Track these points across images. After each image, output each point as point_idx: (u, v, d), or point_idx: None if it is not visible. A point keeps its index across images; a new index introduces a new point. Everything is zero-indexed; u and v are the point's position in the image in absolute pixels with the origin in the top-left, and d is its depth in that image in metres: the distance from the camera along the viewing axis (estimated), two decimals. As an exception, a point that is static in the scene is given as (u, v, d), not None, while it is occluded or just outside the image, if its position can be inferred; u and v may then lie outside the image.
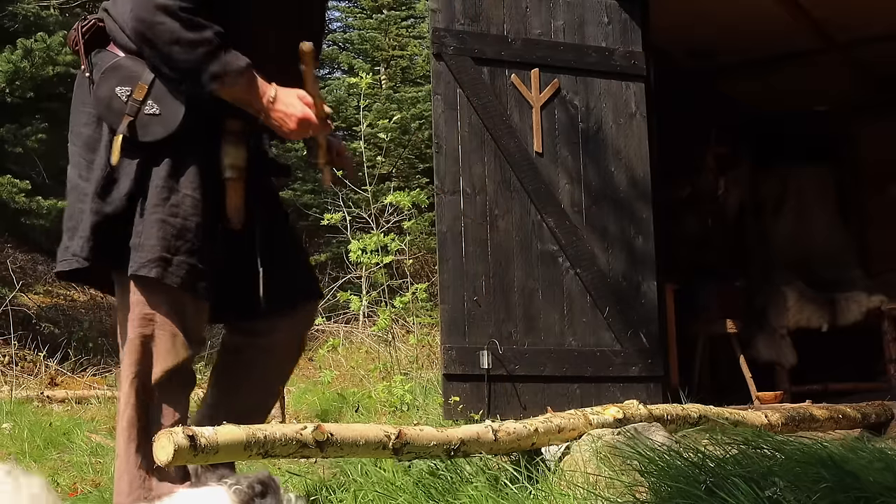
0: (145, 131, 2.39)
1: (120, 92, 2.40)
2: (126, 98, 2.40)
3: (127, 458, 2.38)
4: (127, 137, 2.37)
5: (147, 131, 2.39)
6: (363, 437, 2.43)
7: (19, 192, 8.06)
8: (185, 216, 2.39)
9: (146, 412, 2.40)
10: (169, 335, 2.40)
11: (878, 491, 1.98)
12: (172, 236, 2.37)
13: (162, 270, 2.36)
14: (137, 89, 2.40)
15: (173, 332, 2.40)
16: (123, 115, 2.39)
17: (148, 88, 2.40)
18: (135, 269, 2.37)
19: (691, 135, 6.98)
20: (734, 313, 6.62)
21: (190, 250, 2.39)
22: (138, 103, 2.39)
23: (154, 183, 2.39)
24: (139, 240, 2.37)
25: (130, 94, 2.40)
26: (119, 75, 2.42)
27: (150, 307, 2.40)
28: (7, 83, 8.35)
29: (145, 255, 2.36)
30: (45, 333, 8.58)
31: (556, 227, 5.03)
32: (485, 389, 4.80)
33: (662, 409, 3.13)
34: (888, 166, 7.50)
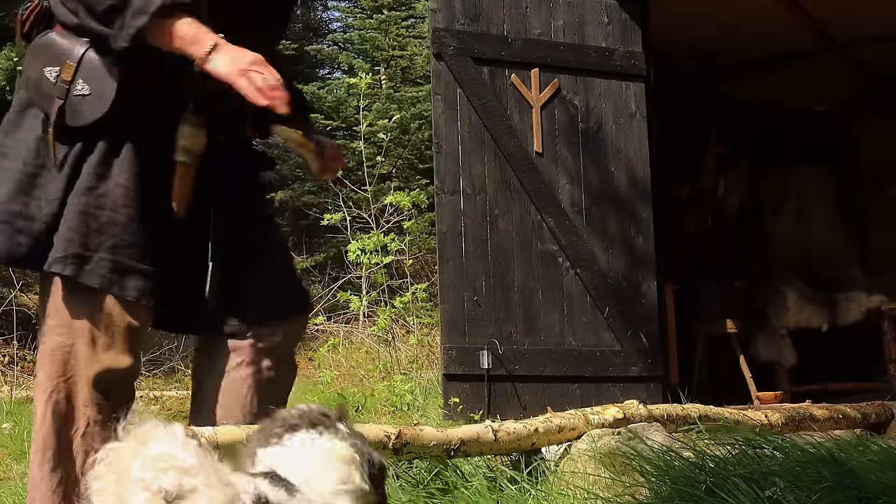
0: (75, 115, 2.14)
1: (48, 73, 2.16)
2: (55, 79, 2.15)
3: (41, 480, 2.11)
4: (57, 125, 2.12)
5: (76, 115, 2.14)
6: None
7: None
8: (112, 208, 2.13)
9: (63, 432, 2.12)
10: (87, 343, 2.12)
11: (879, 490, 1.98)
12: (95, 230, 2.11)
13: (77, 268, 2.09)
14: (65, 69, 2.14)
15: (93, 339, 2.12)
16: (53, 99, 2.13)
17: (76, 67, 2.15)
18: (47, 265, 2.10)
19: (691, 135, 6.98)
20: (734, 313, 6.62)
21: (115, 246, 2.12)
22: (67, 84, 2.14)
23: (84, 171, 2.14)
24: (59, 234, 2.11)
25: (59, 75, 2.15)
26: (47, 54, 2.17)
27: (68, 310, 2.13)
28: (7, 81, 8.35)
29: (60, 250, 2.09)
30: (45, 333, 8.58)
31: (556, 227, 5.03)
32: (485, 389, 4.80)
33: (662, 409, 3.13)
34: (888, 166, 7.50)
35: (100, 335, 2.13)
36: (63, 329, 2.13)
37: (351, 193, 9.82)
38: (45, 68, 2.16)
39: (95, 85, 2.15)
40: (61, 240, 2.10)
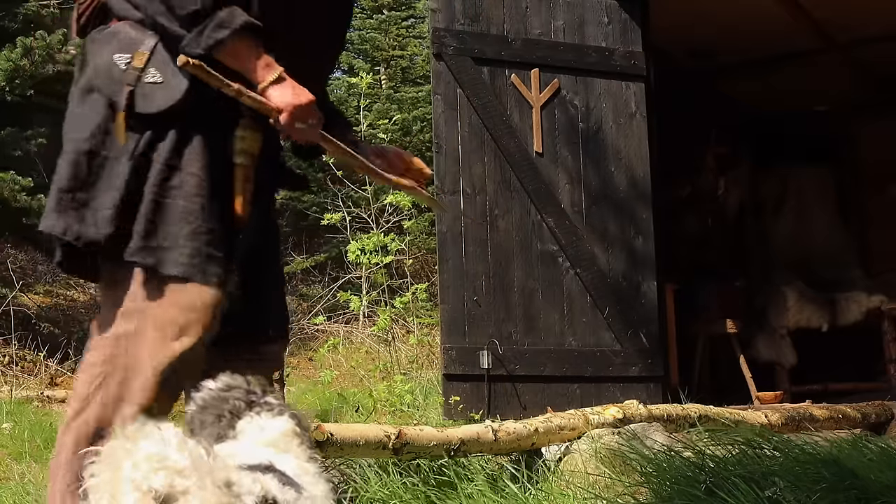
0: (146, 101, 2.16)
1: (118, 59, 2.18)
2: (125, 66, 2.17)
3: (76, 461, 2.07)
4: (127, 111, 2.14)
5: (148, 101, 2.16)
6: (363, 437, 2.43)
7: (21, 191, 8.05)
8: (186, 197, 2.14)
9: (110, 414, 2.11)
10: (161, 330, 2.13)
11: (879, 490, 1.98)
12: (173, 219, 2.13)
13: (158, 258, 2.11)
14: (137, 57, 2.17)
15: (167, 327, 2.13)
16: (123, 85, 2.15)
17: (149, 56, 2.17)
18: (128, 254, 2.11)
19: (691, 135, 6.98)
20: (734, 313, 6.63)
21: (193, 232, 2.13)
22: (138, 71, 2.16)
23: (155, 160, 2.16)
24: (137, 225, 2.11)
25: (130, 62, 2.17)
26: (118, 42, 2.20)
27: (145, 298, 2.13)
28: (7, 81, 8.35)
29: (139, 240, 2.11)
30: (45, 333, 8.58)
31: (556, 227, 5.03)
32: (485, 389, 4.80)
33: (662, 409, 3.13)
34: (888, 166, 7.50)
35: (175, 323, 2.12)
36: (135, 316, 2.13)
37: (351, 193, 9.82)
38: (116, 55, 2.18)
39: (167, 74, 2.17)
40: (140, 229, 2.11)
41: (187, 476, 1.25)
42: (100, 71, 2.19)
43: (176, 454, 1.27)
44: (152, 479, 1.24)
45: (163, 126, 2.17)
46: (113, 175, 2.17)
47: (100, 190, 2.18)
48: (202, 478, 1.26)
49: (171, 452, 1.27)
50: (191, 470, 1.26)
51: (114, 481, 1.26)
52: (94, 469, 1.29)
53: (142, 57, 2.17)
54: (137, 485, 1.24)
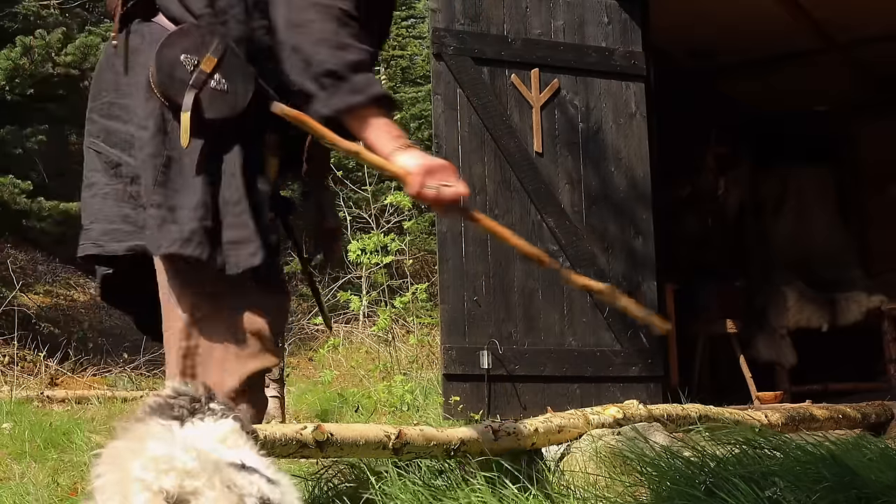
0: (210, 107, 2.16)
1: (185, 60, 2.16)
2: (192, 68, 2.16)
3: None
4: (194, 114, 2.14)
5: (212, 107, 2.17)
6: (363, 437, 2.43)
7: (21, 193, 8.05)
8: (258, 204, 2.17)
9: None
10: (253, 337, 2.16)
11: (879, 490, 1.98)
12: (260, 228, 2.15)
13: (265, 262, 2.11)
14: (206, 61, 2.16)
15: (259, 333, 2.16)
16: (187, 86, 2.15)
17: (217, 62, 2.17)
18: (233, 268, 2.11)
19: (691, 135, 6.98)
20: (734, 313, 6.63)
21: (276, 242, 2.19)
22: (205, 76, 2.16)
23: (227, 169, 2.17)
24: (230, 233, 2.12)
25: (197, 65, 2.16)
26: (186, 42, 2.18)
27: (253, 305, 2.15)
28: (7, 81, 8.35)
29: (248, 253, 2.11)
30: (45, 333, 8.58)
31: (556, 227, 5.03)
32: (485, 389, 4.80)
33: (662, 409, 3.13)
34: (888, 166, 7.50)
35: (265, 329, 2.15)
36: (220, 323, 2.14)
37: (351, 193, 9.82)
38: (183, 55, 2.17)
39: (234, 83, 2.17)
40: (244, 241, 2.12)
41: (196, 477, 1.26)
42: (162, 69, 2.16)
43: (183, 454, 1.27)
44: (163, 480, 1.24)
45: (223, 133, 2.17)
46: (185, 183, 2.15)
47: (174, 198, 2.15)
48: (211, 478, 1.26)
49: (179, 452, 1.27)
50: (199, 470, 1.26)
51: (123, 482, 1.25)
52: (100, 469, 1.29)
53: (211, 62, 2.16)
54: (148, 485, 1.23)
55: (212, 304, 2.17)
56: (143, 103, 2.21)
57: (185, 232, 2.12)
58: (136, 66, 2.25)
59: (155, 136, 2.19)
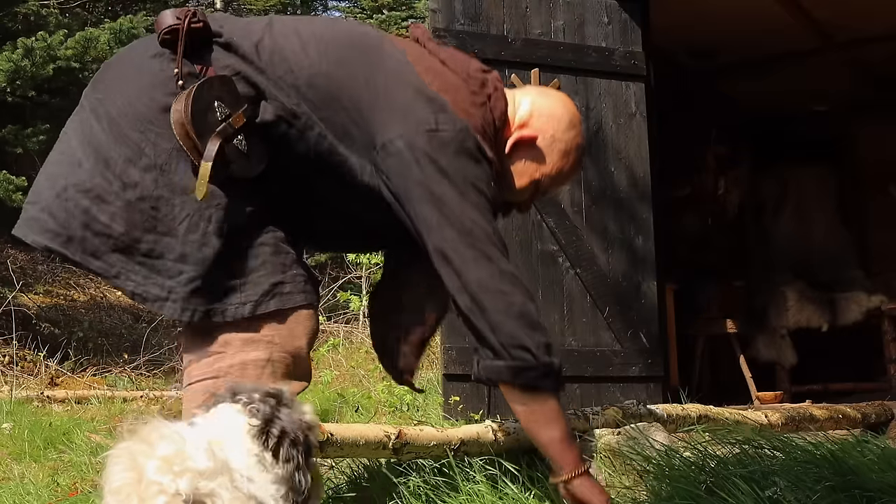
0: (230, 164, 2.15)
1: (219, 107, 2.13)
2: (222, 118, 2.13)
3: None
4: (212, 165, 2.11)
5: (232, 164, 2.15)
6: (363, 437, 2.43)
7: (16, 190, 8.04)
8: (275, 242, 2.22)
9: None
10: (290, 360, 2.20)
11: (880, 490, 1.98)
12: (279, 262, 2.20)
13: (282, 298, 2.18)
14: (237, 117, 2.14)
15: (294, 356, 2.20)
16: (213, 134, 2.11)
17: (245, 123, 2.16)
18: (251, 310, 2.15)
19: (691, 135, 6.98)
20: (734, 313, 6.63)
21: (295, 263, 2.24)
22: (232, 130, 2.13)
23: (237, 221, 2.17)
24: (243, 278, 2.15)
25: (228, 117, 2.13)
26: (225, 89, 2.15)
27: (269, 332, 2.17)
28: (8, 82, 8.35)
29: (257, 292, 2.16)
30: (45, 333, 8.58)
31: (556, 227, 5.03)
32: (485, 389, 4.80)
33: (662, 409, 3.13)
34: (888, 166, 7.50)
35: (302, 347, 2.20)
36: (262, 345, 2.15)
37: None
38: (217, 101, 2.14)
39: (253, 149, 2.17)
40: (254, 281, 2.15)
41: (210, 478, 1.26)
42: (198, 103, 2.12)
43: (196, 454, 1.27)
44: (179, 482, 1.24)
45: (236, 188, 2.16)
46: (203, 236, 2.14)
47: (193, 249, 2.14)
48: (225, 479, 1.27)
49: (191, 452, 1.27)
50: (213, 471, 1.27)
51: (137, 483, 1.25)
52: (114, 470, 1.28)
53: (240, 120, 2.15)
54: (164, 489, 1.24)
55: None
56: (144, 132, 2.15)
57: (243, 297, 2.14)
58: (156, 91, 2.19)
59: (148, 171, 2.13)
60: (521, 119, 2.43)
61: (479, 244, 2.16)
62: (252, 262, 2.16)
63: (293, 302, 2.18)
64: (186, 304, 2.13)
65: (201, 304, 2.13)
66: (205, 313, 2.13)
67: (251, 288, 2.15)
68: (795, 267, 7.16)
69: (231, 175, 2.16)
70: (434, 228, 2.16)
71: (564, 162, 2.45)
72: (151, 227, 2.12)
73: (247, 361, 2.13)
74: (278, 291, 2.17)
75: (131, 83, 2.22)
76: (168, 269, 2.13)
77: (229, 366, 2.13)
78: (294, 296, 2.18)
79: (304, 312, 2.21)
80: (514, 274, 2.20)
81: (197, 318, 2.13)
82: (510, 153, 2.38)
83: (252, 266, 2.16)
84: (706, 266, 6.94)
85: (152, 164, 2.14)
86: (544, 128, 2.45)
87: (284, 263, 2.19)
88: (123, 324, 9.78)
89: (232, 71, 2.21)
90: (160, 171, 2.13)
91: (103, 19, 11.18)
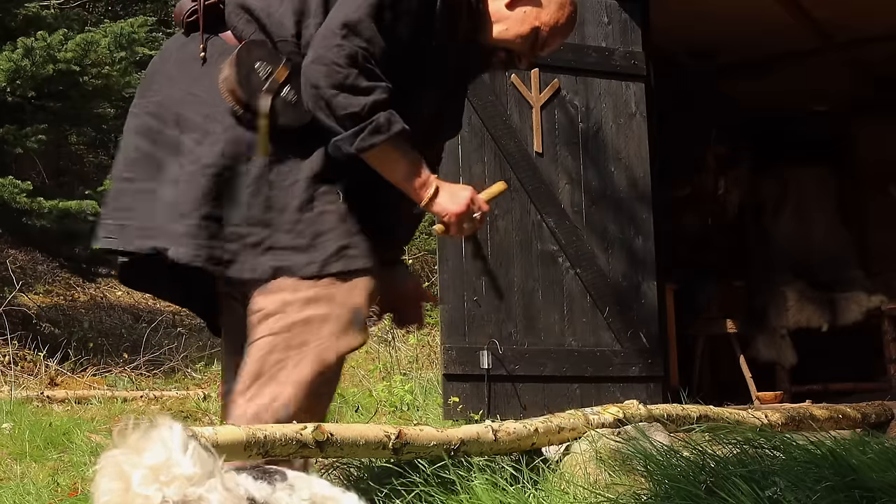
0: (282, 115, 2.31)
1: (260, 68, 2.30)
2: (266, 76, 2.30)
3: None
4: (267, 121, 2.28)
5: (283, 115, 2.31)
6: (363, 437, 2.43)
7: (21, 193, 8.04)
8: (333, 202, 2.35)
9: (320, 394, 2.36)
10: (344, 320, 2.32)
11: (881, 490, 1.98)
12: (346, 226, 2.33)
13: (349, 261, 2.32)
14: (280, 70, 2.30)
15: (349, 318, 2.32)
16: (260, 92, 2.29)
17: (289, 74, 2.31)
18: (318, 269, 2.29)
19: (691, 135, 6.98)
20: (734, 313, 6.63)
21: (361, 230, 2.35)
22: (277, 84, 2.30)
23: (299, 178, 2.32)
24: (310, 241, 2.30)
25: (271, 73, 2.30)
26: (261, 52, 2.32)
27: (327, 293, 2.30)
28: (8, 82, 8.34)
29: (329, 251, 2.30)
30: (45, 333, 8.57)
31: (556, 227, 5.03)
32: (485, 389, 4.80)
33: (662, 409, 3.12)
34: (888, 166, 7.50)
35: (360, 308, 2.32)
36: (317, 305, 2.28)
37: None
38: (258, 63, 2.29)
39: (299, 97, 2.31)
40: (325, 242, 2.29)
41: (199, 482, 1.26)
42: (241, 70, 2.29)
43: (182, 460, 1.26)
44: (166, 491, 1.24)
45: (290, 141, 2.31)
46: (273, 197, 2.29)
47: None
48: (213, 483, 1.27)
49: (178, 458, 1.26)
50: (200, 476, 1.26)
51: (124, 493, 1.24)
52: (100, 481, 1.27)
53: (284, 72, 2.30)
54: (150, 499, 1.23)
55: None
56: (203, 112, 2.32)
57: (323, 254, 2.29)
58: (203, 75, 2.36)
59: (215, 145, 2.29)
60: None
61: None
62: (319, 227, 2.30)
63: (356, 265, 2.32)
64: (255, 263, 2.28)
65: (268, 263, 2.28)
66: (273, 271, 2.28)
67: (319, 250, 2.30)
68: (795, 267, 7.16)
69: (287, 127, 2.29)
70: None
71: (561, 14, 2.58)
72: (218, 195, 2.28)
73: (311, 318, 2.28)
74: (343, 254, 2.31)
75: (182, 76, 2.40)
76: (232, 234, 2.29)
77: (292, 322, 2.27)
78: (357, 259, 2.32)
79: (366, 276, 2.34)
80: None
81: (266, 276, 2.28)
82: (511, 1, 2.53)
83: (319, 230, 2.30)
84: (706, 266, 6.94)
85: (218, 139, 2.31)
86: None
87: (350, 230, 2.33)
88: (123, 324, 9.77)
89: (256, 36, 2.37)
90: (225, 144, 2.30)
91: (103, 19, 11.18)
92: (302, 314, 2.27)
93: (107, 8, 13.32)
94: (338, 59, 2.23)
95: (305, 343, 2.27)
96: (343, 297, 2.31)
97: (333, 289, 2.30)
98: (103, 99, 8.80)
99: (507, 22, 2.53)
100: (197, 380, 7.71)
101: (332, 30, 2.26)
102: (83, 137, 10.66)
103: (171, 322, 9.77)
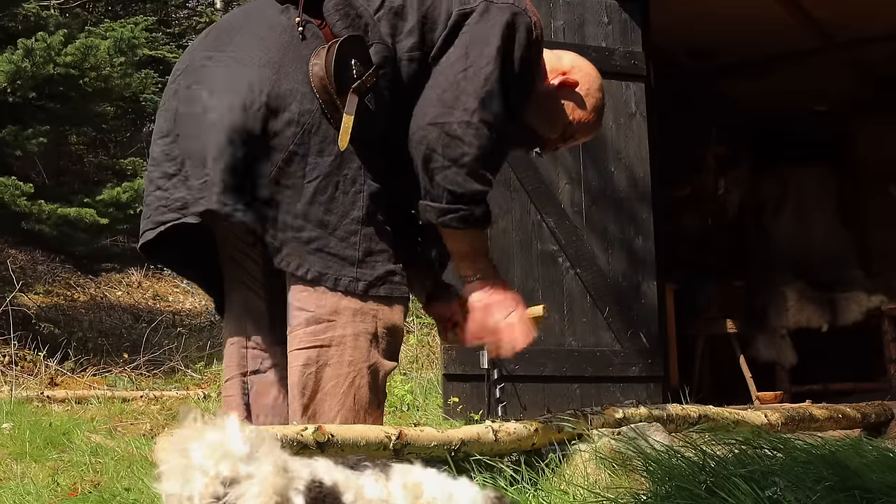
0: (362, 119, 2.30)
1: (354, 66, 2.28)
2: (356, 74, 2.28)
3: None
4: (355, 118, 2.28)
5: (362, 120, 2.30)
6: (364, 438, 2.43)
7: (21, 196, 8.05)
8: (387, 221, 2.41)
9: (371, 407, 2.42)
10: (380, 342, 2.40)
11: (880, 490, 1.98)
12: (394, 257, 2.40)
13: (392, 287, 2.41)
14: (370, 76, 2.30)
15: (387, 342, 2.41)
16: (348, 90, 2.27)
17: (375, 82, 2.32)
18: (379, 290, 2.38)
19: (691, 135, 6.98)
20: (734, 313, 6.63)
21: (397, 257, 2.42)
22: (366, 88, 2.30)
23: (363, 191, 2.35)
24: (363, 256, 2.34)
25: (363, 75, 2.29)
26: (359, 50, 2.31)
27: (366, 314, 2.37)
28: (8, 83, 8.34)
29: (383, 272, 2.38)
30: (45, 333, 8.58)
31: (556, 227, 5.03)
32: (485, 389, 4.80)
33: (662, 409, 3.13)
34: (888, 166, 7.51)
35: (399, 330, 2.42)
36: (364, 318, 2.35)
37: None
38: (354, 60, 2.29)
39: (377, 107, 2.33)
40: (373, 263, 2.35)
41: (248, 462, 1.41)
42: (339, 60, 2.27)
43: (237, 443, 1.42)
44: (220, 466, 1.40)
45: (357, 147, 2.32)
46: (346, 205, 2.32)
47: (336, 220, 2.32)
48: (261, 464, 1.42)
49: (233, 441, 1.43)
50: (250, 457, 1.42)
51: (184, 467, 1.41)
52: (165, 456, 1.44)
53: (371, 79, 2.30)
54: (205, 471, 1.39)
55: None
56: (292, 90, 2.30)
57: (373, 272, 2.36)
58: (292, 48, 2.35)
59: (289, 125, 2.28)
60: (564, 67, 2.60)
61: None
62: (373, 245, 2.34)
63: (398, 292, 2.39)
64: (302, 259, 2.30)
65: (316, 265, 2.30)
66: (318, 275, 2.31)
67: (368, 268, 2.33)
68: (795, 267, 7.16)
69: (362, 133, 2.30)
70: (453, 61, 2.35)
71: (593, 116, 2.63)
72: (276, 178, 2.28)
73: (359, 333, 2.33)
74: (389, 280, 2.36)
75: (270, 39, 2.38)
76: (282, 222, 2.29)
77: (342, 336, 2.32)
78: (400, 286, 2.40)
79: (403, 304, 2.44)
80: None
81: (310, 276, 2.30)
82: (557, 90, 2.57)
83: (372, 248, 2.34)
84: (706, 266, 6.94)
85: (294, 120, 2.29)
86: (583, 80, 2.61)
87: (398, 257, 2.39)
88: (123, 324, 9.77)
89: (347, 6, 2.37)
90: (301, 129, 2.29)
91: (103, 19, 11.18)
92: (350, 329, 2.33)
93: (107, 8, 13.33)
94: (464, 137, 2.26)
95: (356, 361, 2.34)
96: (385, 317, 2.37)
97: (377, 306, 2.36)
98: (103, 99, 8.80)
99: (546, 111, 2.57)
100: (197, 380, 7.72)
101: (463, 100, 2.28)
102: (83, 138, 10.66)
103: (171, 322, 9.78)
